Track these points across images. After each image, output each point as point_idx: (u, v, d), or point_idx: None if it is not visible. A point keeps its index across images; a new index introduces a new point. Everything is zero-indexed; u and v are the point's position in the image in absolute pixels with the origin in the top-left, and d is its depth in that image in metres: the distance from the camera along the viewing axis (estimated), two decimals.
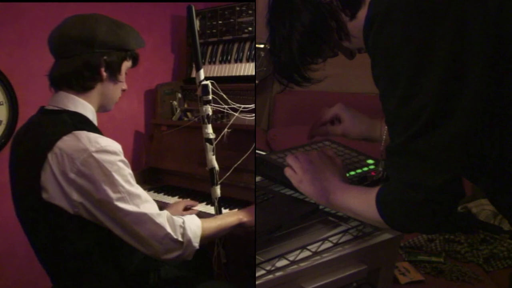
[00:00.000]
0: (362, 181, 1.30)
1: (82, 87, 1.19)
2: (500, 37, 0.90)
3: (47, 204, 1.09)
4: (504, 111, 0.94)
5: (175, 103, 2.30)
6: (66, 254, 1.15)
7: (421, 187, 0.90)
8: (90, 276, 1.16)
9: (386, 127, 1.24)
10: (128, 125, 2.34)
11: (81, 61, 1.17)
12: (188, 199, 1.78)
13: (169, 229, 1.13)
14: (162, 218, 1.14)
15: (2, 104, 1.87)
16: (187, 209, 1.66)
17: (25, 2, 1.90)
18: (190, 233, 1.17)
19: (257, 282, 1.01)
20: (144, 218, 1.11)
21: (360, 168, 1.35)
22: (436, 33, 0.87)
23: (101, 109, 1.26)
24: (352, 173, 1.32)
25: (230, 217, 1.33)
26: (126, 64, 1.26)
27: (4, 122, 1.88)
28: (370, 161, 1.38)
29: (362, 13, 0.98)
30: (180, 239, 1.15)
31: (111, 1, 2.12)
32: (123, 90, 1.30)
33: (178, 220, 1.17)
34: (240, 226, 1.33)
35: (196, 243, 1.18)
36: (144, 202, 1.13)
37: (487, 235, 2.01)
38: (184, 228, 1.16)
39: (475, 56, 0.88)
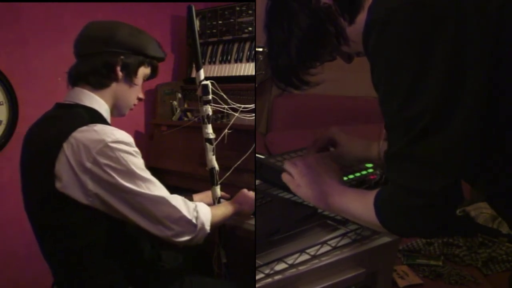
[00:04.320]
0: (361, 184, 1.30)
1: (98, 84, 1.23)
2: (500, 40, 0.89)
3: (59, 194, 1.11)
4: (504, 115, 0.93)
5: (175, 103, 2.30)
6: (72, 247, 1.16)
7: (420, 192, 0.90)
8: (93, 271, 1.18)
9: (381, 144, 1.25)
10: (128, 125, 2.33)
11: (99, 58, 1.22)
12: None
13: (184, 211, 1.18)
14: (177, 200, 1.18)
15: (2, 104, 1.87)
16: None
17: (25, 2, 1.90)
18: (203, 217, 1.21)
19: (256, 286, 1.01)
20: (160, 200, 1.15)
21: (359, 171, 1.35)
22: (436, 37, 0.87)
23: (115, 110, 1.29)
24: (351, 176, 1.32)
25: (230, 205, 1.40)
26: (144, 71, 1.30)
27: (4, 122, 1.88)
28: (368, 165, 1.38)
29: (361, 18, 0.98)
30: (194, 221, 1.19)
31: (111, 1, 2.12)
32: (140, 99, 1.34)
33: (191, 204, 1.21)
34: (238, 214, 1.41)
35: (208, 227, 1.23)
36: (158, 188, 1.17)
37: (486, 238, 2.00)
38: (197, 212, 1.21)
39: (475, 60, 0.87)
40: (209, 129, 1.50)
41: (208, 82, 1.50)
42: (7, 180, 1.93)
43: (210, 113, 1.51)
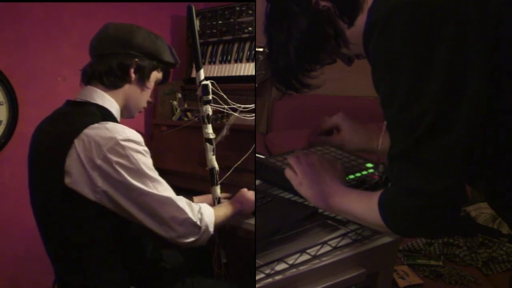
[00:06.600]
0: (361, 184, 1.30)
1: (111, 84, 1.25)
2: (501, 40, 0.90)
3: (68, 190, 1.12)
4: (504, 114, 0.94)
5: (175, 103, 2.30)
6: (76, 243, 1.17)
7: (422, 193, 0.90)
8: (95, 268, 1.19)
9: (382, 136, 1.25)
10: (128, 125, 2.33)
11: (115, 59, 1.24)
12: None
13: (189, 213, 1.19)
14: (183, 202, 1.19)
15: (2, 104, 1.87)
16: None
17: (25, 2, 1.90)
18: (207, 219, 1.22)
19: (256, 286, 1.01)
20: (167, 201, 1.16)
21: (359, 171, 1.35)
22: (437, 37, 0.87)
23: (125, 112, 1.31)
24: (351, 176, 1.32)
25: (230, 205, 1.41)
26: (156, 75, 1.33)
27: (4, 122, 1.88)
28: (369, 165, 1.38)
29: (361, 20, 0.98)
30: (198, 223, 1.20)
31: (111, 1, 2.12)
32: (149, 103, 1.37)
33: (195, 206, 1.22)
34: (239, 213, 1.42)
35: (211, 229, 1.24)
36: (166, 189, 1.19)
37: (486, 238, 2.01)
38: (201, 214, 1.22)
39: (476, 61, 0.87)
40: (209, 129, 1.50)
41: (208, 82, 1.50)
42: (7, 180, 1.93)
43: (210, 113, 1.51)
